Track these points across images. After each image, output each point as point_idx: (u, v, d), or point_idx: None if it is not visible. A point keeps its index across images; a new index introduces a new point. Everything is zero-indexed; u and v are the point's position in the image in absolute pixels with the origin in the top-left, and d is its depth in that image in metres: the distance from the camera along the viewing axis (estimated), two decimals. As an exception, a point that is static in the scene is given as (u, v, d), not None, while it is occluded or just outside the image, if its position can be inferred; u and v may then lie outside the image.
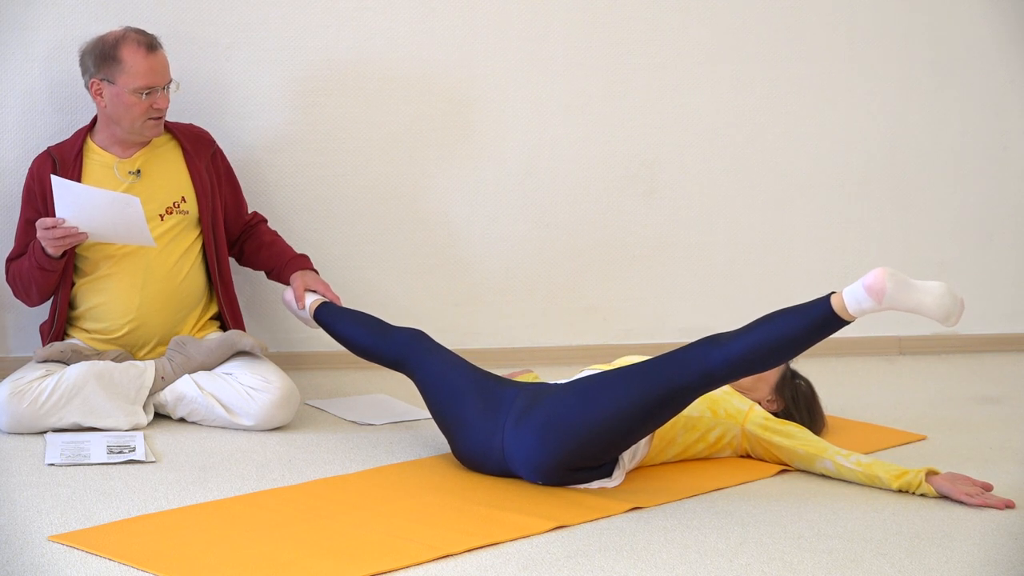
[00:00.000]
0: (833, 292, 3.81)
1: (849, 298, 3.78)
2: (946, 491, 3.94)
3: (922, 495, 3.98)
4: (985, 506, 3.88)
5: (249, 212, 4.94)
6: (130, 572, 3.37)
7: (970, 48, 5.58)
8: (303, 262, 4.81)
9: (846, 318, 3.79)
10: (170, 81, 4.61)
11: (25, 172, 4.84)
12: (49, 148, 4.71)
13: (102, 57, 4.57)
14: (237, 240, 4.90)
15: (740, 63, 5.46)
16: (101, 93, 4.59)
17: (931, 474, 3.99)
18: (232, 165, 4.89)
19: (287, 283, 4.77)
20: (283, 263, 4.80)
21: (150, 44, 4.58)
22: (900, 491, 4.01)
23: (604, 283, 5.48)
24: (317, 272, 4.79)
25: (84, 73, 4.62)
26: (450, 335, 5.04)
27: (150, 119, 4.60)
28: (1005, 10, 5.56)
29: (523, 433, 3.95)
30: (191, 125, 4.83)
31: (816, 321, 3.80)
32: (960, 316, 3.80)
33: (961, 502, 3.91)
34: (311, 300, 4.65)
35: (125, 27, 4.62)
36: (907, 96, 5.59)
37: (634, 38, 5.37)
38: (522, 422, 3.96)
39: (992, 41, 5.58)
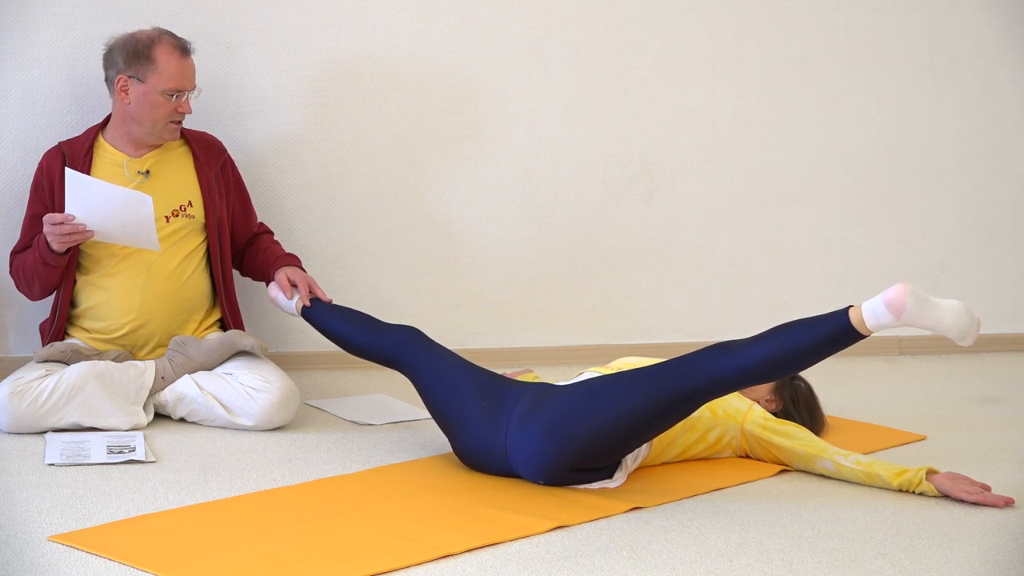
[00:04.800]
0: (851, 305, 3.80)
1: (868, 312, 3.76)
2: (946, 489, 3.94)
3: (921, 494, 3.98)
4: (985, 503, 3.88)
5: (257, 223, 4.94)
6: (130, 572, 3.37)
7: (970, 48, 5.58)
8: (290, 259, 4.80)
9: (863, 332, 3.77)
10: (195, 87, 4.62)
11: (25, 171, 4.86)
12: (60, 143, 4.71)
13: (134, 55, 4.57)
14: (243, 250, 4.90)
15: (740, 63, 5.46)
16: (127, 90, 4.59)
17: (931, 473, 3.99)
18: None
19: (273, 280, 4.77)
20: (271, 262, 4.79)
21: (184, 48, 4.61)
22: (900, 490, 4.01)
23: (604, 283, 5.48)
24: (305, 271, 4.77)
25: (110, 68, 4.62)
26: (450, 335, 5.04)
27: (172, 122, 4.61)
28: (1005, 10, 5.56)
29: (527, 433, 3.95)
30: (204, 133, 4.83)
31: (832, 334, 3.79)
32: (976, 335, 3.80)
33: (961, 499, 3.91)
34: (298, 297, 4.63)
35: (156, 27, 4.63)
36: (907, 96, 5.59)
37: (634, 38, 5.37)
38: (527, 422, 3.96)
39: (992, 41, 5.58)
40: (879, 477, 4.03)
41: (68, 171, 4.45)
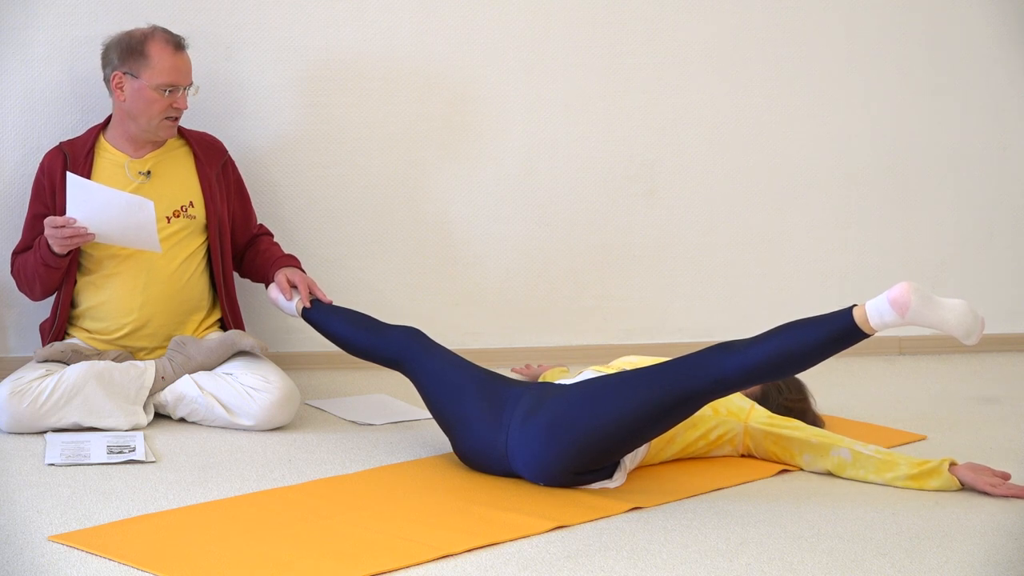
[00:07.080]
0: (855, 305, 3.80)
1: (872, 311, 3.75)
2: (969, 481, 3.93)
3: (938, 489, 3.96)
4: (1011, 496, 3.87)
5: (257, 225, 4.94)
6: (130, 572, 3.37)
7: (970, 48, 5.58)
8: (289, 261, 4.80)
9: (867, 331, 3.76)
10: (191, 83, 4.62)
11: (25, 171, 4.86)
12: (61, 143, 4.72)
13: (128, 51, 4.59)
14: (242, 251, 4.90)
15: (740, 63, 5.46)
16: (122, 87, 4.60)
17: (951, 465, 3.98)
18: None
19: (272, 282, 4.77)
20: (270, 263, 4.79)
21: (177, 43, 4.61)
22: (916, 481, 3.98)
23: (604, 283, 5.48)
24: (304, 272, 4.77)
25: (106, 66, 4.64)
26: (450, 335, 5.04)
27: (167, 118, 4.61)
28: (1005, 10, 5.56)
29: (529, 433, 3.95)
30: (205, 133, 4.83)
31: (836, 333, 3.78)
32: (980, 335, 3.79)
33: (985, 492, 3.91)
34: (299, 298, 4.64)
35: (153, 25, 4.64)
36: (907, 96, 5.59)
37: (634, 38, 5.37)
38: (528, 422, 3.95)
39: (992, 41, 5.58)
40: (897, 465, 4.00)
41: (69, 175, 4.46)
